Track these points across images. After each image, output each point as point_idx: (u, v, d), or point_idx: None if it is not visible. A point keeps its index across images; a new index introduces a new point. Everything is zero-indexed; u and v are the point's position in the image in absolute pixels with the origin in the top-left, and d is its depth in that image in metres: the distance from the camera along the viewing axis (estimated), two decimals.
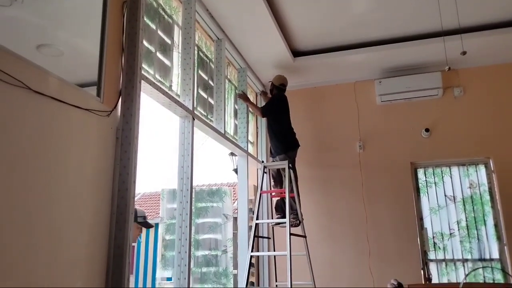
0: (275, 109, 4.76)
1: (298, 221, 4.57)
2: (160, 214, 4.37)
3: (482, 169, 4.99)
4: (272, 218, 4.89)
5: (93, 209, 2.22)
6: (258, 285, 4.97)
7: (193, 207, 4.22)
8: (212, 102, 4.25)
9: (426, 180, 5.13)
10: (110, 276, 2.23)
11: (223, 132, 4.17)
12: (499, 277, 4.67)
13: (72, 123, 2.12)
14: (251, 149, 5.19)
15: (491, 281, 4.64)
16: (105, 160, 2.36)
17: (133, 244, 2.37)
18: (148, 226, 2.80)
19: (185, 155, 3.23)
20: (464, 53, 3.65)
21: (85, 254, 2.13)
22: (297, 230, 4.53)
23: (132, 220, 2.38)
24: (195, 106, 3.50)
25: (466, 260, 4.79)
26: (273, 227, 4.97)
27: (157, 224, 6.68)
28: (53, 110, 2.00)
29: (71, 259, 2.04)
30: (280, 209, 4.65)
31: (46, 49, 2.12)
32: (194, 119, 3.40)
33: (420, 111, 5.14)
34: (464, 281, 3.31)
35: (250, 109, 5.07)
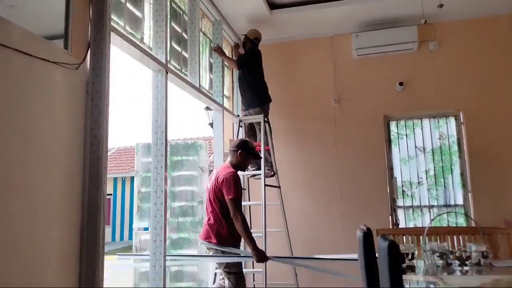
0: (250, 62, 4.73)
1: (272, 173, 4.69)
2: (135, 167, 4.37)
3: (452, 121, 5.15)
4: (248, 170, 4.98)
5: (65, 164, 2.21)
6: None
7: (168, 161, 4.26)
8: (186, 55, 4.16)
9: (398, 132, 5.28)
10: (85, 229, 2.27)
11: (198, 87, 4.13)
12: (461, 221, 4.97)
13: (39, 77, 2.06)
14: (226, 103, 5.18)
15: (455, 225, 4.93)
16: (76, 114, 2.32)
17: None
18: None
19: (159, 110, 3.20)
20: (441, 6, 3.64)
21: (60, 208, 2.15)
22: (272, 181, 4.65)
23: (106, 174, 2.38)
24: (168, 59, 3.42)
25: (432, 206, 5.05)
26: (248, 179, 5.07)
27: (132, 177, 6.71)
28: (18, 63, 1.92)
29: (45, 212, 2.05)
30: (255, 161, 4.73)
31: None
32: (167, 73, 3.34)
33: (395, 65, 5.19)
34: (430, 225, 3.52)
35: (226, 62, 5.00)
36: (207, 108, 7.03)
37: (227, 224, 3.29)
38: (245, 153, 3.46)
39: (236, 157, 3.44)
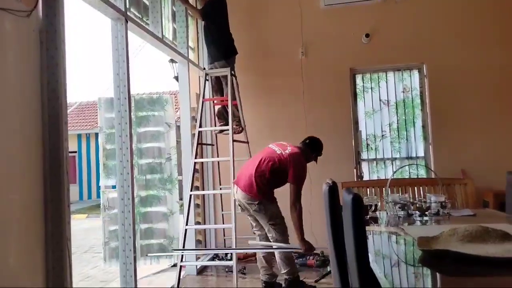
0: (214, 12, 4.53)
1: (241, 128, 4.66)
2: (99, 123, 4.21)
3: (415, 74, 5.23)
4: (215, 126, 4.93)
5: (23, 121, 2.09)
6: (203, 189, 5.16)
7: (133, 116, 4.13)
8: (147, 3, 3.94)
9: (363, 86, 5.32)
10: (49, 187, 2.19)
11: (160, 37, 3.95)
12: (422, 173, 5.18)
13: None
14: (191, 56, 5.01)
15: (416, 177, 5.14)
16: (30, 67, 2.17)
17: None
18: None
19: (120, 61, 3.05)
20: None
21: (20, 166, 2.05)
22: (240, 136, 4.63)
23: (67, 130, 2.28)
24: (127, 7, 3.22)
25: (395, 158, 5.22)
26: (216, 135, 5.03)
27: (97, 134, 6.51)
28: None
29: (4, 172, 1.96)
30: (222, 116, 4.67)
31: None
32: (127, 22, 3.16)
33: (362, 16, 5.14)
34: (392, 178, 3.65)
35: (189, 11, 4.78)
36: (172, 61, 6.79)
37: (271, 192, 3.60)
38: (316, 157, 3.82)
39: (310, 155, 3.74)
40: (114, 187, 3.69)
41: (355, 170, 5.14)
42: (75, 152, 16.90)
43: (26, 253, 2.07)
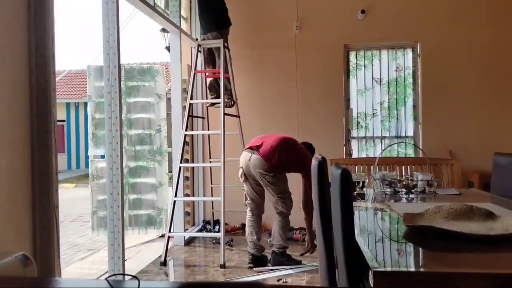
0: None
1: (232, 102, 4.63)
2: (88, 92, 4.14)
3: (409, 53, 5.21)
4: (207, 98, 4.89)
5: (9, 86, 2.05)
6: (193, 162, 5.16)
7: (123, 86, 4.07)
8: None
9: (356, 63, 5.29)
10: (36, 156, 2.17)
11: (152, 5, 3.85)
12: (411, 152, 5.24)
13: None
14: (184, 26, 4.92)
15: (404, 156, 5.20)
16: (17, 32, 2.11)
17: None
18: None
19: (110, 28, 2.98)
20: None
21: (6, 132, 2.02)
22: (231, 110, 4.61)
23: (55, 97, 2.24)
24: None
25: (384, 137, 5.26)
26: (207, 107, 5.00)
27: (86, 103, 6.44)
28: None
29: None
30: (214, 89, 4.63)
31: None
32: None
33: None
34: (380, 156, 3.68)
35: None
36: (163, 30, 6.63)
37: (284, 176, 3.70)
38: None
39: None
40: (102, 157, 3.68)
41: (344, 147, 5.17)
42: (64, 121, 16.71)
43: (13, 218, 2.07)
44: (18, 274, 1.38)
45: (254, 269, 3.66)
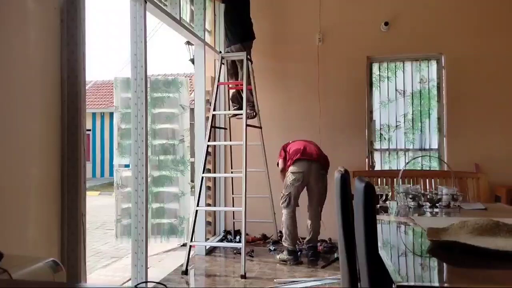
0: None
1: (254, 113, 4.67)
2: (115, 103, 4.26)
3: (433, 65, 5.16)
4: (229, 110, 4.95)
5: (43, 97, 2.14)
6: (215, 172, 5.21)
7: (148, 97, 4.16)
8: None
9: (379, 75, 5.26)
10: (66, 163, 2.25)
11: (178, 19, 3.95)
12: (435, 165, 5.15)
13: (7, 2, 1.92)
14: (208, 39, 5.01)
15: (428, 169, 5.11)
16: (51, 45, 2.20)
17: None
18: None
19: (138, 42, 3.07)
20: None
21: (39, 142, 2.11)
22: (253, 121, 4.64)
23: (85, 108, 2.32)
24: None
25: (408, 149, 5.19)
26: (229, 118, 5.05)
27: (111, 113, 6.58)
28: None
29: (24, 147, 2.01)
30: (236, 100, 4.69)
31: None
32: (146, 2, 3.17)
33: (382, 4, 5.07)
34: (404, 169, 3.63)
35: None
36: (188, 43, 6.77)
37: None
38: None
39: None
40: (127, 166, 3.76)
41: (367, 159, 5.13)
42: (90, 130, 17.13)
43: (43, 225, 2.14)
44: (49, 279, 1.43)
45: (275, 280, 3.65)
